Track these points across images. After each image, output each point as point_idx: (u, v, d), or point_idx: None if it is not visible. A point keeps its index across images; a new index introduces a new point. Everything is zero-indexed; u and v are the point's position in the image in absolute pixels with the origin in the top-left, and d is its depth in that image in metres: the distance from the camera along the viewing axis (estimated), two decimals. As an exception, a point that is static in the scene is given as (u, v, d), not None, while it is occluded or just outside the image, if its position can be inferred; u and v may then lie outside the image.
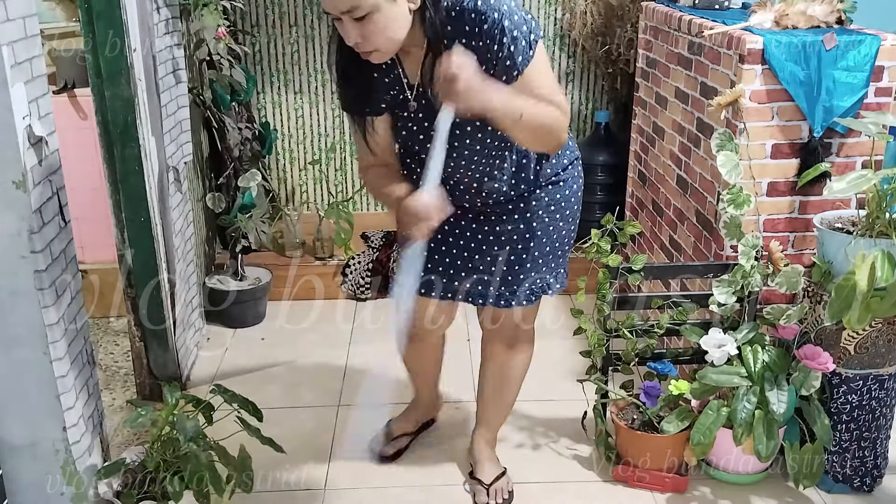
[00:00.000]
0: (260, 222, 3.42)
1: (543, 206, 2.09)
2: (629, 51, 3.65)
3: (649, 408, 2.42)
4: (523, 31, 1.78)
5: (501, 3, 1.77)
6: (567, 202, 2.13)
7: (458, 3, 1.77)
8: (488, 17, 1.76)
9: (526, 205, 2.08)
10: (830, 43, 2.37)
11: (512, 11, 1.77)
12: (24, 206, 1.82)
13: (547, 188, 2.09)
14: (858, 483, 2.39)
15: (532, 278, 2.15)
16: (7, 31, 1.74)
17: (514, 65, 1.79)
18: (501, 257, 2.12)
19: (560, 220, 2.13)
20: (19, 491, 2.04)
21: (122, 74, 2.49)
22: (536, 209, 2.09)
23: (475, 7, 1.76)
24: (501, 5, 1.77)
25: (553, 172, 2.08)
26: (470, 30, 1.77)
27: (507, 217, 2.10)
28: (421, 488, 2.43)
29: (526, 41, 1.79)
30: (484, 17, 1.76)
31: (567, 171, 2.11)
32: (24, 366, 1.93)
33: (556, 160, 2.08)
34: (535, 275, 2.15)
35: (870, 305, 1.93)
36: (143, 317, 2.75)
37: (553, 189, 2.09)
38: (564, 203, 2.12)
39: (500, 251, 2.12)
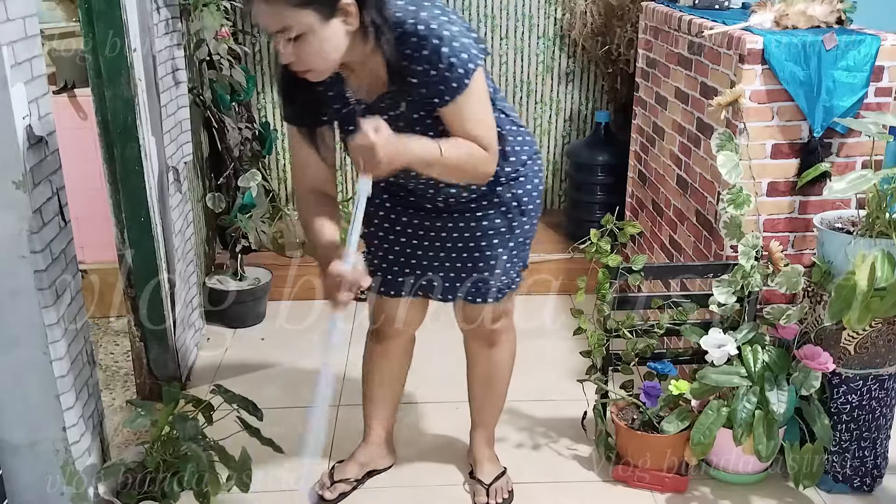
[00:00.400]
0: (260, 222, 3.42)
1: (505, 202, 2.09)
2: (629, 51, 3.65)
3: (649, 408, 2.42)
4: (461, 59, 1.77)
5: (442, 29, 1.76)
6: (528, 197, 2.11)
7: (401, 25, 1.76)
8: (428, 41, 1.75)
9: (488, 202, 2.08)
10: (830, 43, 2.37)
11: (453, 37, 1.77)
12: (24, 206, 1.82)
13: (507, 184, 2.07)
14: (858, 483, 2.39)
15: (498, 275, 2.14)
16: (7, 31, 1.74)
17: (446, 90, 1.79)
18: (467, 254, 2.12)
19: (522, 215, 2.12)
20: (19, 491, 2.03)
21: (122, 74, 2.49)
22: (498, 206, 2.08)
23: (415, 31, 1.76)
24: (442, 31, 1.76)
25: (513, 170, 2.07)
26: (410, 52, 1.77)
27: (469, 214, 2.09)
28: (421, 488, 2.43)
29: (463, 69, 1.78)
30: (424, 42, 1.76)
31: (526, 167, 2.09)
32: (24, 366, 1.93)
33: (515, 157, 2.06)
34: (499, 271, 2.14)
35: (870, 305, 1.93)
36: (143, 317, 2.75)
37: (513, 184, 2.08)
38: (527, 198, 2.11)
39: (465, 248, 2.12)
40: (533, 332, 3.29)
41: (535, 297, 3.61)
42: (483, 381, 2.38)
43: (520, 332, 2.34)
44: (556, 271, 3.65)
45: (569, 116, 4.15)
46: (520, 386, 2.90)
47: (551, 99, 4.12)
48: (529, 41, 4.03)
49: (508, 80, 4.09)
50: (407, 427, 2.67)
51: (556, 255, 3.69)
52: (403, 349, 2.41)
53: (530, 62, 4.06)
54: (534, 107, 4.13)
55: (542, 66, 4.07)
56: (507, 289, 2.19)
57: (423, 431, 2.69)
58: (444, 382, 2.81)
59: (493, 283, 2.15)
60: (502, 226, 2.10)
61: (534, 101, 4.12)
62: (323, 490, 2.37)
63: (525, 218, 2.13)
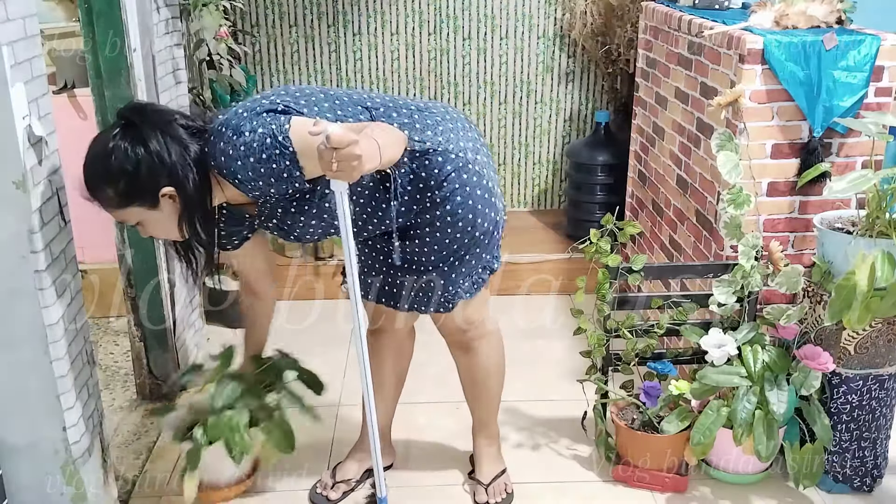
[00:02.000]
0: (260, 222, 3.41)
1: (437, 219, 2.00)
2: (629, 51, 3.65)
3: (649, 408, 2.42)
4: (268, 143, 1.75)
5: (239, 129, 1.79)
6: (458, 212, 2.00)
7: (214, 157, 1.82)
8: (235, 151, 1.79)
9: (422, 222, 2.02)
10: (830, 43, 2.37)
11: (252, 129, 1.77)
12: (24, 206, 1.82)
13: (436, 204, 1.99)
14: (858, 483, 2.39)
15: (440, 286, 2.09)
16: (7, 31, 1.74)
17: (293, 173, 1.78)
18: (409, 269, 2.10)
19: (456, 231, 2.02)
20: (19, 491, 2.03)
21: (122, 74, 2.49)
22: (432, 222, 2.01)
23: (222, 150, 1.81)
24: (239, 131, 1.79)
25: (437, 186, 1.97)
26: (234, 171, 1.81)
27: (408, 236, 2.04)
28: (421, 488, 2.43)
29: (279, 149, 1.75)
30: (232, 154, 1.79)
31: (446, 187, 1.97)
32: (24, 366, 1.93)
33: (434, 180, 1.97)
34: (443, 283, 2.09)
35: (870, 305, 1.93)
36: (143, 317, 2.75)
37: (440, 203, 1.99)
38: (456, 214, 2.00)
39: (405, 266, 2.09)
40: (533, 332, 3.30)
41: (535, 297, 3.61)
42: (468, 385, 2.38)
43: (520, 332, 2.35)
44: (556, 271, 3.66)
45: (569, 116, 4.15)
46: (520, 386, 2.91)
47: (551, 99, 4.12)
48: (529, 41, 4.03)
49: (508, 80, 4.09)
50: (407, 427, 2.67)
51: (556, 255, 3.69)
52: (395, 347, 2.38)
53: (530, 62, 4.06)
54: (534, 107, 4.13)
55: (542, 66, 4.07)
56: (453, 298, 2.12)
57: (423, 431, 2.69)
58: (444, 382, 2.80)
59: (438, 293, 2.11)
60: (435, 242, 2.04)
61: (534, 101, 4.12)
62: (326, 490, 2.37)
63: (460, 234, 2.03)
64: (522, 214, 4.24)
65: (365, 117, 1.93)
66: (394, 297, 2.17)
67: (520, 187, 4.27)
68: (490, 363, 2.33)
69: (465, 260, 2.09)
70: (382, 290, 2.17)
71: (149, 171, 1.79)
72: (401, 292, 2.14)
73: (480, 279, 2.16)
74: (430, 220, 2.01)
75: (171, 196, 1.83)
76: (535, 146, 4.20)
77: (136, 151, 1.78)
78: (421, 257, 2.07)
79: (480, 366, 2.32)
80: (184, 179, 1.81)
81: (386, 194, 1.96)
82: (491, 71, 4.07)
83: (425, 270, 2.09)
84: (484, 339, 2.28)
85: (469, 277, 2.13)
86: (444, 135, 1.99)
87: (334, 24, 3.95)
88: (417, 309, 2.16)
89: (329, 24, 3.95)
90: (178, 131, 1.82)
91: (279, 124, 1.76)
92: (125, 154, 1.78)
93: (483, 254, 2.12)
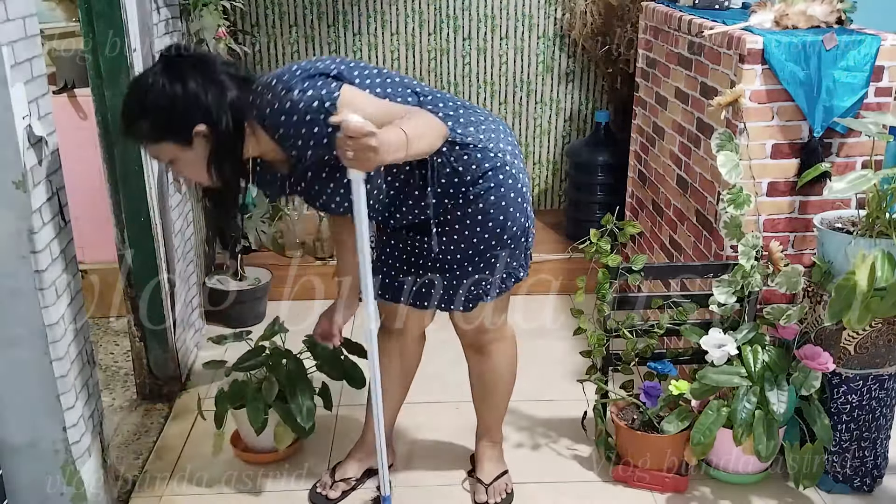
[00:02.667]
0: (260, 222, 3.42)
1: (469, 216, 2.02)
2: (629, 51, 3.65)
3: (649, 408, 2.42)
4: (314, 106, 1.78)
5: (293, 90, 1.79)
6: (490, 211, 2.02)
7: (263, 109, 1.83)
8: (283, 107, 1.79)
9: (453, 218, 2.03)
10: (830, 43, 2.37)
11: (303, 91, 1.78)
12: (24, 206, 1.82)
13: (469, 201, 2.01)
14: (858, 483, 2.39)
15: (465, 285, 2.11)
16: (7, 31, 1.74)
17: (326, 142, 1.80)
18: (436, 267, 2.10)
19: (486, 231, 2.04)
20: (19, 491, 2.03)
21: (122, 74, 2.49)
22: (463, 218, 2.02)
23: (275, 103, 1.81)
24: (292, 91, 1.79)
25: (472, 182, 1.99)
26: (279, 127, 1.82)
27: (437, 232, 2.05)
28: (421, 488, 2.43)
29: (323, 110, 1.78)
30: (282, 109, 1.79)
31: (481, 184, 1.99)
32: (24, 366, 1.93)
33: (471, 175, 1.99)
34: (467, 281, 2.11)
35: (870, 305, 1.93)
36: (143, 317, 2.75)
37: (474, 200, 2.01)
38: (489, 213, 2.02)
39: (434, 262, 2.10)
40: (533, 332, 3.30)
41: (535, 297, 3.61)
42: (478, 387, 2.38)
43: (520, 332, 2.34)
44: (556, 271, 3.66)
45: (569, 116, 4.15)
46: (520, 386, 2.90)
47: (551, 99, 4.12)
48: (529, 41, 4.03)
49: (508, 80, 4.09)
50: (407, 427, 2.67)
51: (556, 255, 3.69)
52: (408, 349, 2.37)
53: (530, 62, 4.06)
54: (534, 107, 4.13)
55: (542, 66, 4.07)
56: (476, 299, 2.14)
57: (423, 431, 2.69)
58: (444, 382, 2.81)
59: (461, 292, 2.13)
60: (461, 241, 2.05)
61: (534, 101, 4.12)
62: (325, 490, 2.37)
63: (488, 235, 2.04)
64: (522, 214, 4.23)
65: (413, 101, 1.94)
66: (423, 298, 2.17)
67: (520, 187, 4.27)
68: (502, 368, 2.34)
69: (491, 262, 2.10)
70: (413, 291, 2.17)
71: (184, 108, 1.79)
72: (430, 292, 2.14)
73: (504, 285, 2.16)
74: (461, 217, 2.02)
75: (204, 136, 1.82)
76: (535, 146, 4.20)
77: (173, 88, 1.79)
78: (447, 255, 2.08)
79: (493, 369, 2.33)
80: (218, 120, 1.81)
81: (421, 181, 1.98)
82: (491, 71, 4.07)
83: (450, 268, 2.09)
84: (499, 342, 2.30)
85: (494, 281, 2.13)
86: (486, 133, 2.02)
87: (334, 24, 3.95)
88: (440, 307, 2.17)
89: (329, 24, 3.95)
90: (219, 75, 1.83)
91: (329, 91, 1.78)
92: (162, 89, 1.79)
93: (510, 259, 2.12)
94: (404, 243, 2.15)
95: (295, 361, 2.46)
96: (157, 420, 2.75)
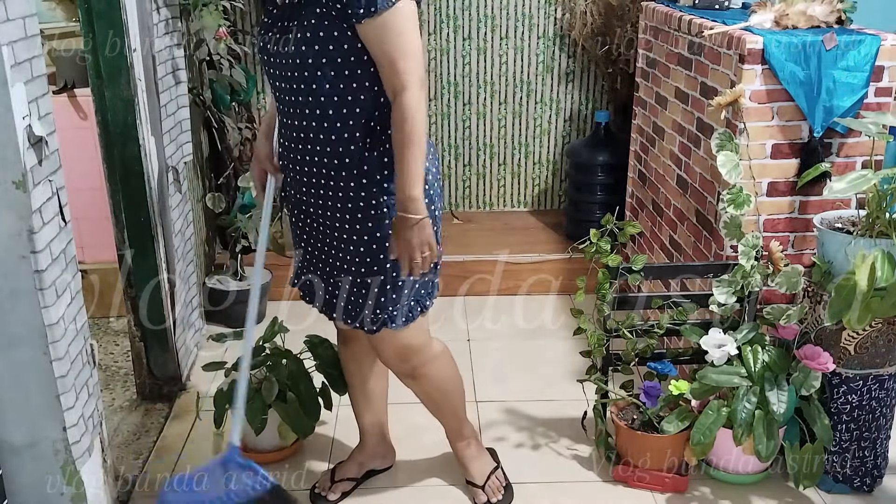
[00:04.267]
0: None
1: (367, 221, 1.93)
2: (629, 51, 3.65)
3: (649, 408, 2.42)
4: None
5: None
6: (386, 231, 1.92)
7: None
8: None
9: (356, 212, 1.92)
10: (830, 43, 2.37)
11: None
12: (24, 206, 1.82)
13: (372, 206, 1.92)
14: (858, 483, 2.39)
15: (371, 305, 2.00)
16: (7, 31, 1.74)
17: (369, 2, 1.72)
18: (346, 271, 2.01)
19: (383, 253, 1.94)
20: (19, 491, 2.03)
21: (122, 74, 2.49)
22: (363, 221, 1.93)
23: None
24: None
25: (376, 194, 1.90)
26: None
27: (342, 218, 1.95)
28: (421, 488, 2.43)
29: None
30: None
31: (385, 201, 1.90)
32: (24, 366, 1.93)
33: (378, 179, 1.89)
34: (373, 301, 1.99)
35: (870, 305, 1.93)
36: (143, 317, 2.75)
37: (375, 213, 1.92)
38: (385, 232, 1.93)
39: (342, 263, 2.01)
40: (533, 332, 3.30)
41: (535, 297, 3.61)
42: (428, 405, 2.31)
43: (520, 332, 2.35)
44: (556, 271, 3.66)
45: (569, 116, 4.15)
46: (520, 386, 2.92)
47: (551, 99, 4.12)
48: (529, 41, 4.03)
49: (508, 80, 4.09)
50: (406, 427, 2.67)
51: (556, 255, 3.70)
52: (366, 351, 2.30)
53: (530, 62, 4.06)
54: (534, 107, 4.13)
55: (542, 66, 4.07)
56: (381, 324, 2.01)
57: (423, 431, 2.68)
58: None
59: (367, 312, 2.01)
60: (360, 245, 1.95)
61: (534, 101, 4.12)
62: (324, 491, 2.37)
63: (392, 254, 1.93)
64: (522, 214, 4.24)
65: None
66: (330, 306, 2.10)
67: (520, 187, 4.27)
68: (444, 384, 2.25)
69: (395, 278, 1.96)
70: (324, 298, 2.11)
71: None
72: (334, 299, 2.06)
73: (411, 314, 2.04)
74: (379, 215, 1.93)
75: None
76: (535, 146, 4.20)
77: None
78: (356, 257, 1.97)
79: (435, 389, 2.25)
80: None
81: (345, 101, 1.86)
82: (491, 71, 4.07)
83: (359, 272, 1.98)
84: (429, 364, 2.17)
85: (400, 305, 2.00)
86: None
87: (334, 24, 3.95)
88: (348, 321, 2.06)
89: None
90: None
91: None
92: None
93: (416, 284, 2.01)
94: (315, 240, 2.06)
95: (295, 361, 2.46)
96: (157, 420, 2.75)
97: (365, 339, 2.20)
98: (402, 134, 1.79)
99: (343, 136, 1.88)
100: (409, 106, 1.78)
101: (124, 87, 2.50)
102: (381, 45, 1.77)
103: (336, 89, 1.84)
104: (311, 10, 1.80)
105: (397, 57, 1.77)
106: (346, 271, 2.02)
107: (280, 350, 2.49)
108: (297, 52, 1.82)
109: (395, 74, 1.78)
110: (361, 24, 1.76)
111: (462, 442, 2.40)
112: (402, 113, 1.79)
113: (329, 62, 1.81)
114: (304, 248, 2.14)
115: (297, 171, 1.99)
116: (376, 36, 1.76)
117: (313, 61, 1.81)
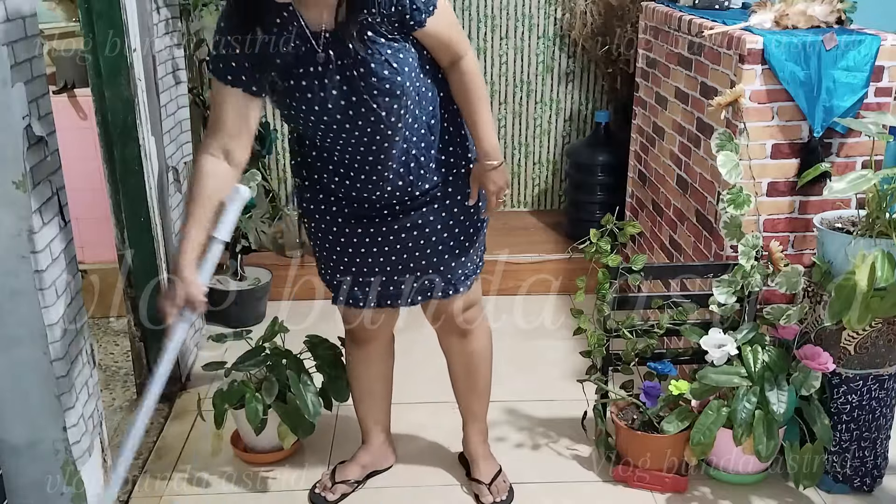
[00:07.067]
0: (260, 222, 3.42)
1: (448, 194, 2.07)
2: (629, 51, 3.65)
3: (649, 408, 2.42)
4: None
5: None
6: None
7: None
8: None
9: (430, 197, 2.05)
10: (830, 43, 2.37)
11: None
12: (24, 206, 1.82)
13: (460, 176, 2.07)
14: (858, 483, 2.39)
15: (463, 262, 2.15)
16: (7, 31, 1.74)
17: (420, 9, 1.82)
18: (419, 252, 2.10)
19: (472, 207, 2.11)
20: (19, 491, 2.03)
21: (122, 74, 2.49)
22: (442, 198, 2.06)
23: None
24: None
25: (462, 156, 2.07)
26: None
27: (414, 213, 2.05)
28: (421, 488, 2.43)
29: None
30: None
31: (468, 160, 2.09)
32: (24, 366, 1.93)
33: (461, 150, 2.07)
34: (464, 259, 2.15)
35: (870, 305, 1.93)
36: (143, 317, 2.75)
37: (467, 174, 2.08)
38: None
39: (417, 247, 2.09)
40: (533, 332, 3.30)
41: (535, 297, 3.61)
42: (464, 375, 2.36)
43: (520, 332, 2.35)
44: (556, 271, 3.66)
45: (569, 116, 4.15)
46: (520, 386, 2.91)
47: (551, 99, 4.12)
48: (529, 41, 4.03)
49: (508, 80, 4.09)
50: (407, 427, 2.67)
51: (556, 255, 3.70)
52: (384, 350, 2.38)
53: (530, 62, 4.06)
54: (534, 107, 4.13)
55: (542, 66, 4.07)
56: (473, 275, 2.19)
57: (423, 431, 2.69)
58: (444, 382, 2.79)
59: (460, 271, 2.15)
60: (461, 213, 2.10)
61: (534, 101, 4.12)
62: (324, 491, 2.37)
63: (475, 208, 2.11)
64: (522, 214, 4.24)
65: None
66: (393, 297, 2.16)
67: (520, 187, 4.27)
68: (484, 349, 2.34)
69: (480, 228, 2.17)
70: (383, 292, 2.16)
71: None
72: (399, 288, 2.14)
73: (481, 262, 2.23)
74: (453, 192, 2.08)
75: None
76: (535, 146, 4.20)
77: None
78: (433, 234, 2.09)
79: (476, 351, 2.32)
80: None
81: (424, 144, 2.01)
82: (491, 71, 4.07)
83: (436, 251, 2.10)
84: (480, 321, 2.30)
85: (482, 253, 2.21)
86: None
87: (334, 24, 3.95)
88: (443, 295, 2.16)
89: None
90: None
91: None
92: None
93: (482, 235, 2.21)
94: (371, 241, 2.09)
95: (295, 361, 2.46)
96: (157, 420, 2.75)
97: (383, 339, 2.32)
98: (470, 92, 1.97)
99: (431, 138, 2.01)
100: (470, 67, 1.96)
101: (124, 87, 2.50)
102: (439, 32, 1.88)
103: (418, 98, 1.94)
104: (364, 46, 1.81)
105: (452, 33, 1.91)
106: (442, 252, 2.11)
107: (280, 350, 2.49)
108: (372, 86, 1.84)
109: (453, 46, 1.93)
110: (425, 25, 1.84)
111: (478, 435, 2.42)
112: (467, 74, 1.96)
113: (405, 78, 1.87)
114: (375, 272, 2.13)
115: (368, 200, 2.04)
116: (436, 27, 1.87)
117: (391, 87, 1.85)
